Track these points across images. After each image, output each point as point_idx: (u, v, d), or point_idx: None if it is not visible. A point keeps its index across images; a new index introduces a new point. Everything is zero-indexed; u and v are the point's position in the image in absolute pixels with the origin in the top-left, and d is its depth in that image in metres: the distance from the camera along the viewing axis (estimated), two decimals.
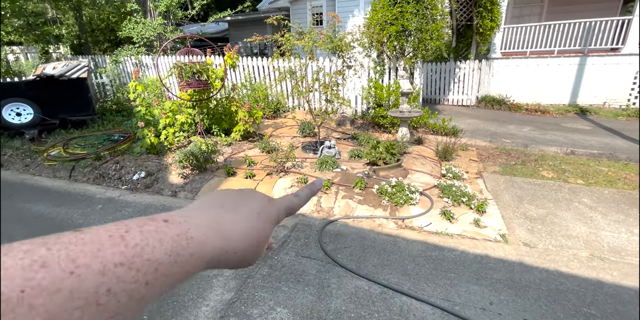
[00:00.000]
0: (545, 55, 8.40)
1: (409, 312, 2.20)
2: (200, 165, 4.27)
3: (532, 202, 3.65)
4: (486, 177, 4.30)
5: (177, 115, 5.25)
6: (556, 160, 4.87)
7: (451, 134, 5.75)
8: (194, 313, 2.20)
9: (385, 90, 5.99)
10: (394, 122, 5.81)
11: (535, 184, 4.10)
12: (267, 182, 3.97)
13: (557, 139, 5.78)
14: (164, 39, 9.87)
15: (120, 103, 7.73)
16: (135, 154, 4.89)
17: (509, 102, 8.45)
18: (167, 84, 8.68)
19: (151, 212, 3.56)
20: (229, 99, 5.64)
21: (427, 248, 2.87)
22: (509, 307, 2.23)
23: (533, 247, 2.90)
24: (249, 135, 5.66)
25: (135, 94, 4.93)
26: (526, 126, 6.73)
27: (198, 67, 4.87)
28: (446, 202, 3.46)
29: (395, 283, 2.45)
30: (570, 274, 2.55)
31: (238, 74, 7.91)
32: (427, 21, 5.72)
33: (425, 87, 8.78)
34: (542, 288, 2.40)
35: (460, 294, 2.34)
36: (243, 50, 15.16)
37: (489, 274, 2.54)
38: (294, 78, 4.74)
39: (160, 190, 4.09)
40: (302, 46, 4.43)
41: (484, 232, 3.08)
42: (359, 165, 4.42)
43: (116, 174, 4.42)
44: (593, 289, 2.39)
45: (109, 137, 5.67)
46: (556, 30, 8.31)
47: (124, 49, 9.55)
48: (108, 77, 8.44)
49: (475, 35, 8.29)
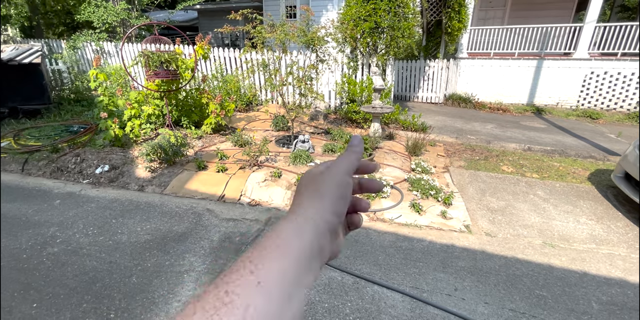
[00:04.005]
0: (507, 57, 8.89)
1: (380, 300, 2.29)
2: (169, 158, 4.12)
3: (494, 195, 3.90)
4: (452, 172, 4.52)
5: (144, 107, 5.01)
6: (515, 156, 5.21)
7: (420, 130, 5.96)
8: (164, 309, 2.15)
9: (358, 86, 6.07)
10: (366, 117, 5.92)
11: (497, 178, 4.37)
12: (240, 176, 3.92)
13: (516, 136, 6.17)
14: (128, 26, 9.31)
15: (80, 92, 7.23)
16: (98, 146, 4.62)
17: (474, 101, 8.87)
18: (133, 73, 8.24)
19: (117, 207, 3.40)
20: (200, 90, 5.46)
21: (397, 239, 2.99)
22: (471, 292, 2.39)
23: (494, 236, 3.11)
24: (221, 128, 5.53)
25: (96, 83, 4.63)
26: (489, 124, 7.12)
27: (166, 56, 4.66)
28: (415, 195, 3.61)
29: (367, 273, 2.54)
30: (526, 260, 2.76)
31: (209, 65, 7.67)
32: (400, 19, 5.85)
33: (396, 84, 9.00)
34: (501, 274, 2.59)
35: (428, 282, 2.47)
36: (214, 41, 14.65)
37: (454, 262, 2.70)
38: (267, 71, 4.68)
39: (126, 184, 3.91)
40: (274, 39, 4.37)
41: (450, 223, 3.25)
42: (332, 160, 4.47)
43: (76, 167, 4.16)
44: (545, 273, 2.61)
45: (67, 128, 5.31)
46: (517, 33, 8.82)
47: (82, 34, 8.92)
48: (65, 63, 7.85)
49: (444, 35, 8.60)
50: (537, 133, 6.49)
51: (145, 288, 2.32)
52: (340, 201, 0.34)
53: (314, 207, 0.32)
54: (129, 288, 2.31)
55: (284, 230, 0.28)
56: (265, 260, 0.25)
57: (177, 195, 3.68)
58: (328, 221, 0.31)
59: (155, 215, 3.26)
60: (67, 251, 2.69)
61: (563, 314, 2.22)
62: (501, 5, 10.87)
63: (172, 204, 3.47)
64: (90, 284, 2.34)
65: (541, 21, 9.29)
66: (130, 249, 2.73)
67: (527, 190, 4.06)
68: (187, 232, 2.98)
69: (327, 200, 0.33)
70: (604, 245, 3.01)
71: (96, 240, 2.84)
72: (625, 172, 3.74)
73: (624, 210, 3.63)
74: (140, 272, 2.47)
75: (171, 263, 2.58)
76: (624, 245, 3.03)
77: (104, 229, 3.00)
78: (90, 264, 2.54)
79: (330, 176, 0.35)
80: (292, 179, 3.84)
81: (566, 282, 2.52)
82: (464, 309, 2.23)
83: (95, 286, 2.32)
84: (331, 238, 0.32)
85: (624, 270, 2.68)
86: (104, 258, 2.62)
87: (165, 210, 3.35)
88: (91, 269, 2.49)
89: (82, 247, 2.75)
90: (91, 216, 3.22)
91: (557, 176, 4.48)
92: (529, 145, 5.60)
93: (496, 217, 3.44)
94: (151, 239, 2.88)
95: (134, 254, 2.67)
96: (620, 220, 3.45)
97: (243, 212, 3.38)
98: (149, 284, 2.35)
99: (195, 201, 3.56)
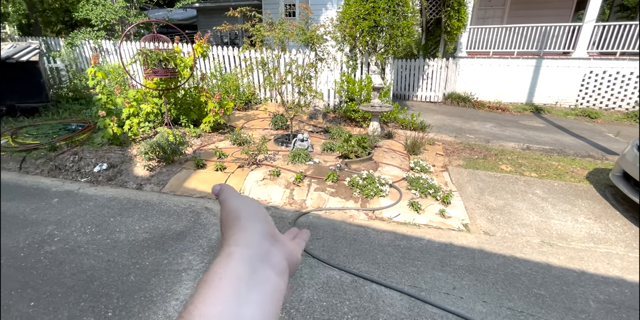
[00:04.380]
0: (506, 56, 8.89)
1: (378, 299, 2.29)
2: (167, 157, 4.11)
3: (492, 194, 3.90)
4: (451, 170, 4.52)
5: (142, 105, 5.00)
6: (514, 155, 5.22)
7: (419, 129, 5.95)
8: (162, 308, 2.15)
9: (357, 84, 6.06)
10: (365, 116, 5.91)
11: (495, 177, 4.37)
12: (239, 174, 3.91)
13: (515, 135, 6.17)
14: (126, 23, 9.28)
15: (78, 90, 7.20)
16: (96, 144, 4.61)
17: (473, 100, 8.87)
18: (131, 71, 8.21)
19: (115, 205, 3.39)
20: (198, 89, 5.44)
21: (395, 238, 2.99)
22: (470, 291, 2.39)
23: (492, 235, 3.11)
24: (220, 126, 5.52)
25: (94, 81, 4.61)
26: (488, 123, 7.12)
27: (165, 54, 4.65)
28: (414, 194, 3.61)
29: (365, 272, 2.54)
30: (524, 259, 2.77)
31: (208, 63, 7.65)
32: (399, 18, 5.84)
33: (395, 83, 8.99)
34: (499, 272, 2.59)
35: (427, 281, 2.47)
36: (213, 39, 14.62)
37: (452, 261, 2.70)
38: (266, 69, 4.67)
39: (124, 182, 3.90)
40: (273, 37, 4.36)
41: (448, 222, 3.25)
42: (331, 158, 4.47)
43: (74, 165, 4.15)
44: (543, 272, 2.62)
45: (65, 127, 5.29)
46: (516, 32, 8.81)
47: (80, 32, 8.86)
48: (63, 61, 7.82)
49: (443, 33, 8.58)
50: (536, 132, 6.49)
51: (143, 286, 2.31)
52: (255, 217, 0.36)
53: (233, 234, 0.34)
54: (127, 286, 2.31)
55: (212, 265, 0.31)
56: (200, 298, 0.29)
57: (176, 194, 3.68)
58: (246, 231, 0.34)
59: (153, 213, 3.26)
60: (65, 250, 2.68)
61: (561, 312, 2.23)
62: (500, 4, 10.86)
63: (170, 203, 3.47)
64: (88, 283, 2.33)
65: (540, 20, 9.28)
66: (128, 248, 2.72)
67: (525, 189, 4.06)
68: (185, 231, 2.98)
69: (244, 224, 0.35)
70: (602, 244, 3.02)
71: (94, 238, 2.84)
72: (623, 171, 3.75)
73: (622, 209, 3.64)
74: (138, 271, 2.46)
75: (169, 261, 2.58)
76: (622, 244, 3.04)
77: (102, 228, 2.99)
78: (88, 263, 2.53)
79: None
80: (290, 178, 3.83)
81: (564, 281, 2.52)
82: (462, 308, 2.23)
83: (93, 285, 2.31)
84: (269, 243, 0.35)
85: (621, 269, 2.68)
86: (101, 256, 2.61)
87: (163, 209, 3.34)
88: (89, 267, 2.49)
89: (80, 245, 2.74)
90: (89, 215, 3.21)
91: (556, 175, 4.49)
92: (527, 144, 5.60)
93: (495, 216, 3.44)
94: (149, 237, 2.87)
95: (132, 253, 2.66)
96: (619, 219, 3.46)
97: None
98: (147, 283, 2.35)
99: (193, 200, 3.55)
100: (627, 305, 2.31)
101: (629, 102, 8.11)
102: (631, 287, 2.49)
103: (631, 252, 2.92)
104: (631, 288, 2.48)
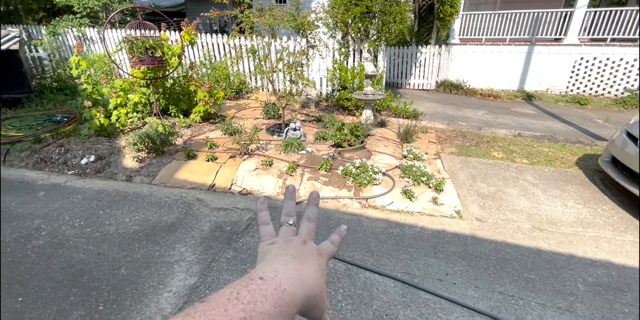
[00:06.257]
0: (498, 42, 8.83)
1: (372, 286, 2.30)
2: (157, 148, 4.03)
3: (484, 181, 3.92)
4: (444, 158, 4.53)
5: (130, 95, 4.86)
6: (505, 142, 5.24)
7: (412, 117, 5.93)
8: (154, 300, 2.13)
9: (349, 72, 5.98)
10: (358, 104, 5.85)
11: (487, 164, 4.40)
12: (231, 164, 3.86)
13: (506, 122, 6.19)
14: (110, 10, 8.94)
15: (62, 80, 6.98)
16: (83, 136, 4.49)
17: (465, 87, 8.85)
18: (117, 60, 7.96)
19: (104, 197, 3.33)
20: (187, 78, 5.31)
21: (389, 225, 3.00)
22: (462, 276, 2.42)
23: (484, 221, 3.14)
24: (210, 116, 5.42)
25: (79, 70, 4.45)
26: (480, 110, 7.12)
27: (152, 42, 4.49)
28: (407, 182, 3.61)
29: (359, 260, 2.55)
30: (515, 244, 2.80)
31: (197, 51, 7.45)
32: (391, 3, 5.71)
33: (388, 70, 8.90)
34: (491, 258, 2.62)
35: (420, 267, 2.49)
36: (202, 27, 14.22)
37: (445, 248, 2.72)
38: (257, 57, 4.56)
39: (113, 174, 3.82)
40: (263, 23, 4.23)
41: (441, 209, 3.27)
42: (324, 147, 4.44)
43: (61, 158, 4.04)
44: (533, 257, 2.66)
45: (50, 118, 5.13)
46: (508, 18, 8.73)
47: (63, 20, 8.53)
48: (45, 50, 7.54)
49: (436, 20, 8.47)
50: (527, 119, 6.52)
51: (134, 279, 2.29)
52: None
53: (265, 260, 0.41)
54: (118, 280, 2.28)
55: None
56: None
57: (166, 185, 3.62)
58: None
59: (144, 205, 3.20)
60: (53, 244, 2.63)
61: (550, 295, 2.27)
62: None
63: (161, 194, 3.41)
64: (77, 277, 2.29)
65: (532, 6, 9.19)
66: (118, 240, 2.68)
67: (517, 175, 4.09)
68: (177, 222, 2.94)
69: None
70: (591, 228, 3.07)
71: (83, 232, 2.79)
72: (612, 156, 3.79)
73: (610, 194, 3.70)
74: (129, 264, 2.43)
75: (161, 253, 2.55)
76: (610, 228, 3.10)
77: (91, 221, 2.94)
78: (77, 257, 2.49)
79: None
80: (283, 168, 3.80)
81: (554, 265, 2.57)
82: (454, 293, 2.26)
83: (83, 279, 2.28)
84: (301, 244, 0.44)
85: (609, 252, 2.74)
86: (91, 250, 2.57)
87: (154, 201, 3.29)
88: (78, 261, 2.45)
89: (68, 239, 2.69)
90: (77, 208, 3.14)
91: (546, 161, 4.53)
92: (519, 131, 5.62)
93: (486, 202, 3.47)
94: (140, 229, 2.83)
95: (122, 245, 2.62)
96: (607, 203, 3.52)
97: (234, 201, 3.34)
98: (139, 275, 2.32)
99: (185, 191, 3.50)
100: (614, 287, 2.37)
101: (617, 88, 8.17)
102: (618, 269, 2.55)
103: (618, 236, 2.97)
104: (618, 270, 2.54)
